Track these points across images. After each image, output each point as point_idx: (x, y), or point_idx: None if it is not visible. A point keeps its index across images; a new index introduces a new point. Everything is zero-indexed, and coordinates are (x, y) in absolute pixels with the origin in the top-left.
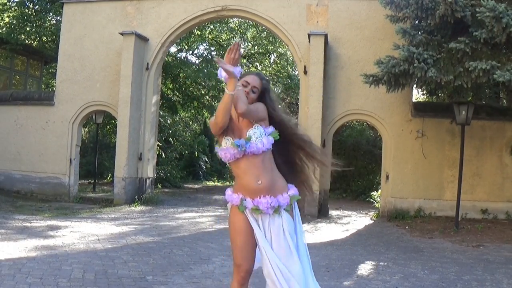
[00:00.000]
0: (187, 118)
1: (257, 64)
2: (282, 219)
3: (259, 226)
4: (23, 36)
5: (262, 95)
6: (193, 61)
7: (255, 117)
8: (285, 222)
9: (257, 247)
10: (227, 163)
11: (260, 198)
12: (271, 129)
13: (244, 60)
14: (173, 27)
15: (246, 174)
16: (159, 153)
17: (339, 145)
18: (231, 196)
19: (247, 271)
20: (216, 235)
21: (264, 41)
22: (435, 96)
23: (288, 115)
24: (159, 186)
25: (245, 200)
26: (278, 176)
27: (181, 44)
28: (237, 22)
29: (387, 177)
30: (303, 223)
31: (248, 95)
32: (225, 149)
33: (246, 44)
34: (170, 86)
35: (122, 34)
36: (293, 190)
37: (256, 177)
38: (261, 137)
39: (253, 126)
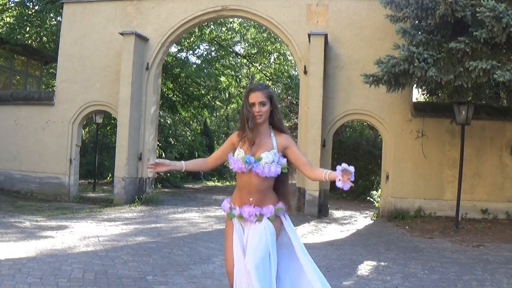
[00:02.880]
0: (187, 118)
1: (257, 64)
2: (262, 225)
3: (243, 235)
4: (23, 36)
5: (271, 101)
6: (194, 61)
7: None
8: (265, 227)
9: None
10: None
11: (245, 207)
12: (284, 160)
13: (244, 60)
14: (173, 27)
15: (244, 188)
16: (159, 153)
17: (339, 145)
18: (225, 205)
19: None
20: (216, 235)
21: (266, 42)
22: (435, 96)
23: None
24: (159, 186)
25: (234, 208)
26: (270, 195)
27: (182, 44)
28: (237, 22)
29: (387, 177)
30: (303, 223)
31: (260, 112)
32: (235, 160)
33: (246, 44)
34: (170, 86)
35: (122, 34)
36: (280, 204)
37: (249, 194)
38: (271, 163)
39: (271, 152)
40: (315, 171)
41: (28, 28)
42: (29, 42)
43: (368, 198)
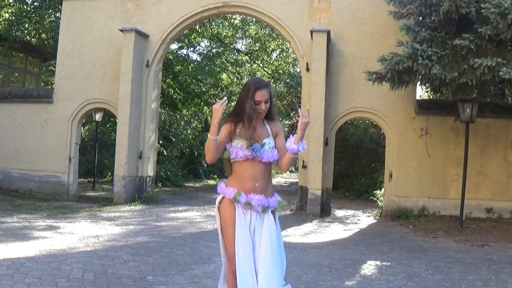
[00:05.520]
0: (188, 116)
1: (259, 61)
2: (265, 220)
3: (246, 222)
4: (22, 33)
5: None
6: (194, 58)
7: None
8: (267, 223)
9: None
10: (232, 159)
11: (253, 195)
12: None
13: (246, 57)
14: (173, 23)
15: (246, 174)
16: (159, 151)
17: (342, 143)
18: (225, 189)
19: None
20: (217, 235)
21: (268, 37)
22: (439, 94)
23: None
24: (160, 185)
25: (240, 194)
26: (270, 182)
27: (184, 42)
28: (239, 18)
29: (391, 176)
30: (305, 222)
31: (265, 109)
32: (239, 148)
33: (248, 41)
34: (170, 84)
35: (122, 30)
36: (278, 197)
37: (254, 179)
38: (272, 148)
39: (269, 137)
40: (283, 159)
41: (26, 25)
42: (28, 39)
43: (371, 197)
